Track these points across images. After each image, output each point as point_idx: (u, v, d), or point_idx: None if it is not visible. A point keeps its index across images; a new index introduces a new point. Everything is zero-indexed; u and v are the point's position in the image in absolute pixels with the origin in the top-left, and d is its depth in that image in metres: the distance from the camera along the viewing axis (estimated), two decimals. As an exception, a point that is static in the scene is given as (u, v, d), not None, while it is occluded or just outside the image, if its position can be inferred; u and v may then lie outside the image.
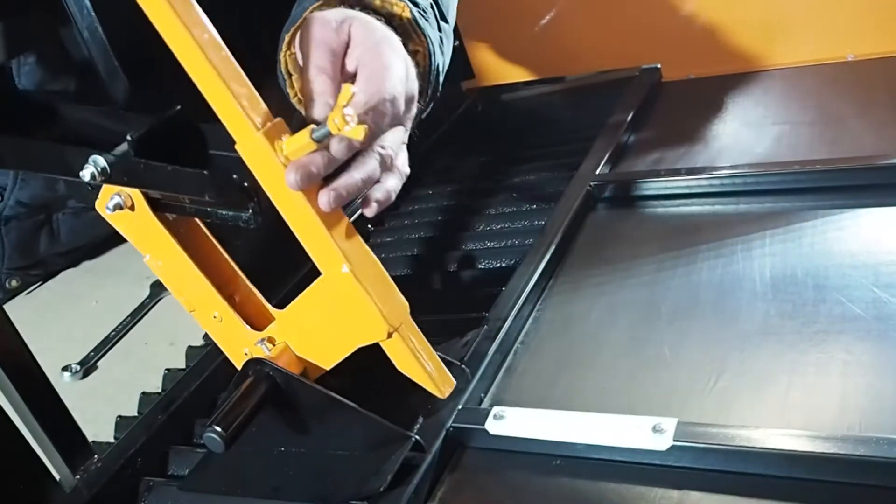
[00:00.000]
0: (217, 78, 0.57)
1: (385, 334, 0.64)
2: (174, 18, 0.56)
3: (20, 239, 1.10)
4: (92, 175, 0.64)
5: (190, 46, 0.56)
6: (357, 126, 0.56)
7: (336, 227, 0.62)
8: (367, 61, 0.64)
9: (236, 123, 0.58)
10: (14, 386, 0.73)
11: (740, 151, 0.98)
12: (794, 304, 0.70)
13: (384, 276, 0.65)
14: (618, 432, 0.60)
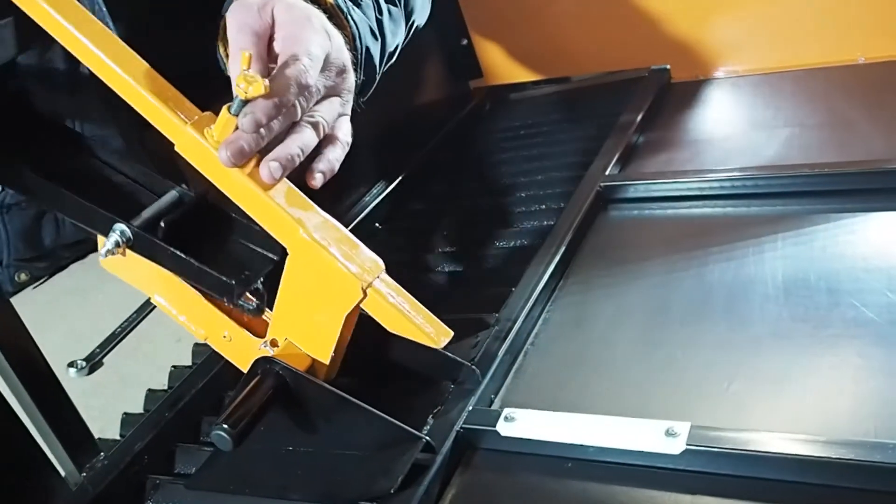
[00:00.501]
0: (140, 91, 0.62)
1: (359, 291, 0.63)
2: (91, 50, 0.62)
3: (24, 228, 1.09)
4: (116, 243, 0.67)
5: (112, 71, 0.62)
6: (257, 83, 0.58)
7: (285, 197, 0.64)
8: (285, 28, 0.66)
9: (168, 127, 0.63)
10: (21, 381, 0.72)
11: (750, 154, 0.97)
12: (806, 307, 0.70)
13: (347, 236, 0.65)
14: (630, 435, 0.60)
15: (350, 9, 0.73)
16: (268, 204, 0.63)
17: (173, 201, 0.71)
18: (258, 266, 0.69)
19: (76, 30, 0.62)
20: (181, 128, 0.62)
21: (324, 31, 0.68)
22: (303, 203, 0.65)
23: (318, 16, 0.69)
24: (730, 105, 1.10)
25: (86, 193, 0.69)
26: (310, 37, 0.65)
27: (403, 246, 1.04)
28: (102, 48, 0.62)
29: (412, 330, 0.66)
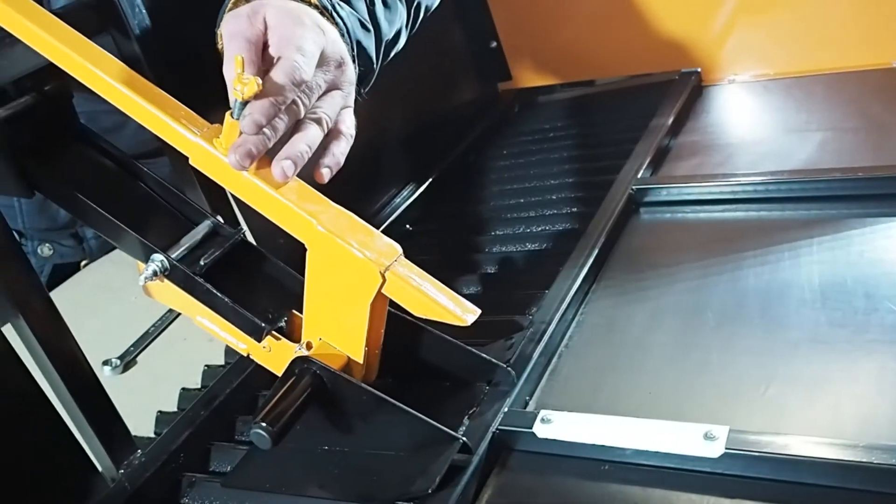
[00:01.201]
0: (150, 109, 0.65)
1: (378, 276, 0.64)
2: (98, 74, 0.65)
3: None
4: (154, 272, 0.70)
5: (121, 94, 0.65)
6: (250, 83, 0.60)
7: (297, 194, 0.65)
8: (277, 31, 0.67)
9: (180, 141, 0.65)
10: (61, 379, 0.73)
11: (783, 157, 0.97)
12: (844, 312, 0.70)
13: (362, 225, 0.66)
14: (668, 438, 0.60)
15: (336, 5, 0.74)
16: (282, 203, 0.65)
17: (207, 232, 0.74)
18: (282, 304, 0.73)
19: (82, 58, 0.65)
20: (192, 140, 0.65)
21: (316, 28, 0.69)
22: (315, 198, 0.66)
23: (309, 14, 0.70)
24: (761, 108, 1.10)
25: (128, 219, 0.72)
26: (302, 34, 0.67)
27: (434, 247, 1.05)
28: (108, 72, 0.65)
29: (438, 310, 0.65)
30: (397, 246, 0.66)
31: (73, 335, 0.75)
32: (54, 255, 1.14)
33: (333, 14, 0.73)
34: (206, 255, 0.72)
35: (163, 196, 0.76)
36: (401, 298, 0.65)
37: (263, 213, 0.66)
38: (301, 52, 0.65)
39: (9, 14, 0.67)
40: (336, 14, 0.74)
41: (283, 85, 0.63)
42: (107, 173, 0.76)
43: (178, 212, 0.76)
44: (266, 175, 0.65)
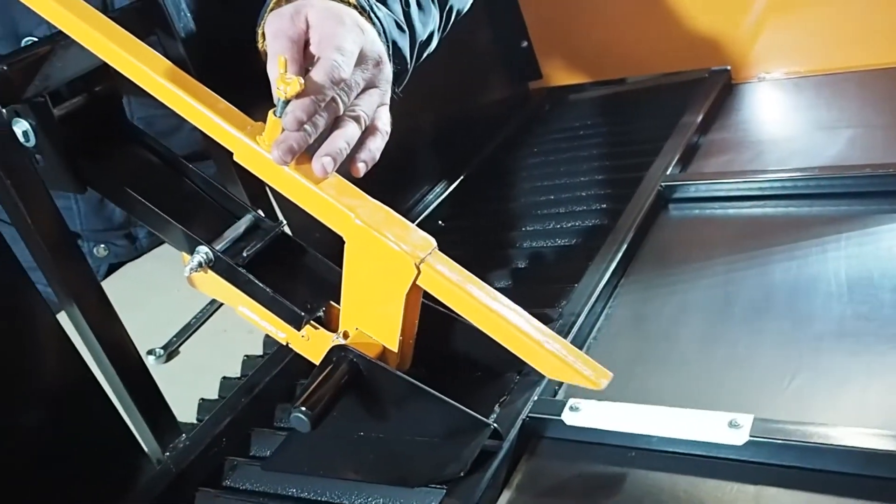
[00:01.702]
0: (198, 108, 0.68)
1: (413, 268, 0.66)
2: (150, 74, 0.68)
3: (93, 200, 1.14)
4: (199, 263, 0.74)
5: (171, 93, 0.68)
6: (293, 82, 0.63)
7: (335, 189, 0.68)
8: (318, 30, 0.69)
9: (225, 137, 0.68)
10: (112, 366, 0.77)
11: (813, 154, 0.98)
12: (871, 306, 0.71)
13: (398, 219, 0.69)
14: (693, 426, 0.62)
15: (374, 6, 0.77)
16: (321, 197, 0.67)
17: (249, 226, 0.77)
18: (320, 295, 0.76)
19: (134, 58, 0.69)
20: (236, 137, 0.68)
21: (356, 27, 0.72)
22: (353, 192, 0.69)
23: (349, 14, 0.72)
24: (791, 106, 1.11)
25: (174, 213, 0.75)
26: (342, 34, 0.69)
27: (466, 243, 1.07)
28: (158, 72, 0.69)
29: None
30: (431, 239, 0.68)
31: (123, 325, 0.79)
32: (109, 255, 1.18)
33: (371, 15, 0.76)
34: (248, 248, 0.75)
35: (207, 191, 0.80)
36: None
37: (303, 206, 0.69)
38: (341, 52, 0.68)
39: (66, 16, 0.70)
40: (374, 14, 0.76)
41: (324, 84, 0.66)
42: (154, 170, 0.79)
43: (222, 206, 0.79)
44: (306, 170, 0.68)
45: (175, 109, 0.69)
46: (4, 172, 0.69)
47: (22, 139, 0.73)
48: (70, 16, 0.70)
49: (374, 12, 0.77)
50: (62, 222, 0.74)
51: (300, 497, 0.73)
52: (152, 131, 0.81)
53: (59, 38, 0.73)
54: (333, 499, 0.71)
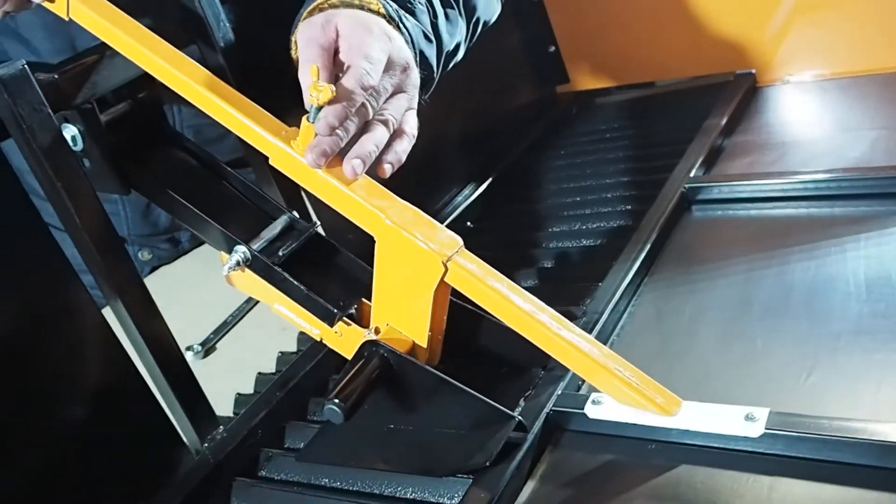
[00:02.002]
0: (237, 115, 0.72)
1: (440, 265, 0.69)
2: (191, 84, 0.72)
3: (139, 206, 1.18)
4: (237, 262, 0.77)
5: (212, 102, 0.72)
6: (325, 90, 0.66)
7: (365, 190, 0.71)
8: (348, 39, 0.73)
9: (262, 143, 0.72)
10: (154, 360, 0.80)
11: (836, 155, 0.99)
12: (887, 304, 0.72)
13: (426, 219, 0.72)
14: (711, 419, 0.64)
15: (402, 17, 0.79)
16: (352, 198, 0.70)
17: (285, 226, 0.81)
18: (353, 293, 0.79)
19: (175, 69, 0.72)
20: (272, 142, 0.71)
21: (384, 36, 0.75)
22: (383, 194, 0.72)
23: (377, 22, 0.76)
24: (815, 108, 1.12)
25: (214, 214, 0.79)
26: (370, 42, 0.72)
27: (494, 243, 1.09)
28: (197, 81, 0.72)
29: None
30: (458, 238, 0.71)
31: (164, 321, 0.83)
32: (153, 259, 1.23)
33: (399, 24, 0.79)
34: (284, 247, 0.79)
35: (244, 194, 0.83)
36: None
37: (336, 207, 0.72)
38: (369, 60, 0.71)
39: (108, 29, 0.74)
40: (402, 24, 0.79)
41: (353, 90, 0.69)
42: (195, 173, 0.83)
43: (258, 208, 0.83)
44: (338, 173, 0.71)
45: (213, 117, 0.73)
46: (55, 175, 0.73)
47: (71, 143, 0.77)
48: (114, 29, 0.74)
49: (403, 22, 0.80)
50: (109, 223, 0.78)
51: (332, 487, 0.76)
52: (200, 139, 0.85)
53: (106, 49, 0.77)
54: (364, 488, 0.74)
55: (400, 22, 0.79)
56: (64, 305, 0.77)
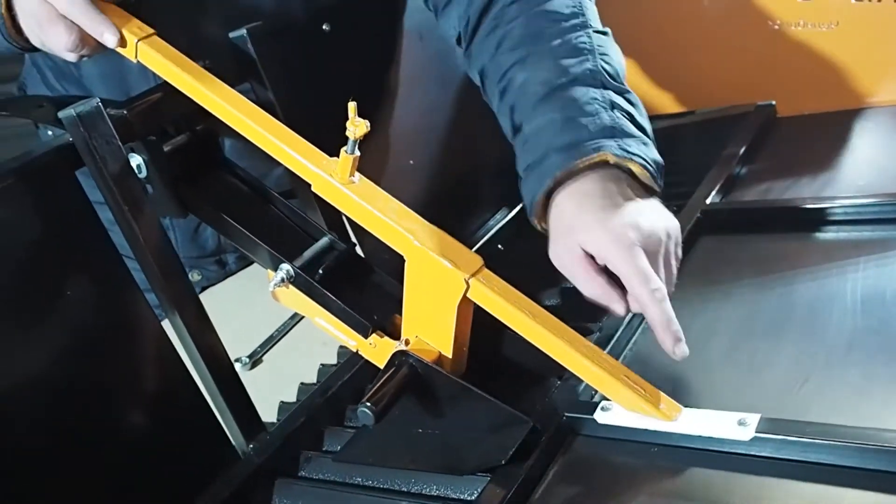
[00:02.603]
0: (284, 148, 0.81)
1: (462, 283, 0.76)
2: (251, 125, 0.81)
3: (189, 230, 1.27)
4: (282, 279, 0.85)
5: (259, 133, 0.81)
6: (360, 125, 0.76)
7: (397, 215, 0.79)
8: (601, 259, 0.80)
9: (306, 172, 0.80)
10: (207, 368, 0.88)
11: (845, 183, 1.04)
12: (880, 320, 0.78)
13: (450, 240, 0.79)
14: (707, 424, 0.69)
15: (630, 155, 0.83)
16: (385, 221, 0.78)
17: (325, 247, 0.88)
18: (386, 308, 0.86)
19: (229, 104, 0.82)
20: (314, 171, 0.79)
21: (626, 237, 0.78)
22: (413, 218, 0.79)
23: (620, 224, 0.78)
24: (833, 139, 1.17)
25: (261, 235, 0.87)
26: (621, 257, 0.77)
27: (521, 264, 1.15)
28: (248, 115, 0.82)
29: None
30: (479, 258, 0.78)
31: (216, 333, 0.91)
32: (202, 280, 1.31)
33: (653, 182, 0.84)
34: (324, 266, 0.86)
35: (289, 217, 0.92)
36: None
37: (371, 230, 0.80)
38: (636, 275, 0.77)
39: (171, 70, 0.83)
40: (631, 156, 0.83)
41: (644, 294, 0.77)
42: (245, 198, 0.92)
43: (302, 230, 0.91)
44: (372, 198, 0.79)
45: (262, 147, 0.82)
46: (122, 199, 0.82)
47: (136, 171, 0.86)
48: (176, 69, 0.83)
49: (631, 154, 0.83)
50: (169, 244, 0.87)
51: (365, 485, 0.82)
52: (254, 171, 0.94)
53: (167, 87, 0.87)
54: (394, 486, 0.80)
55: (630, 156, 0.83)
56: (130, 321, 0.86)
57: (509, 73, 0.93)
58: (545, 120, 0.88)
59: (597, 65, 0.89)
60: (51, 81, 1.16)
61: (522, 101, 0.91)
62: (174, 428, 0.89)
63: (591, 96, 0.87)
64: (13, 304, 0.78)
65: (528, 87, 0.90)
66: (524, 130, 0.91)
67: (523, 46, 0.92)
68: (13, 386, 0.77)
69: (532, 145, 0.89)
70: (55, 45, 0.90)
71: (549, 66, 0.90)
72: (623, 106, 0.87)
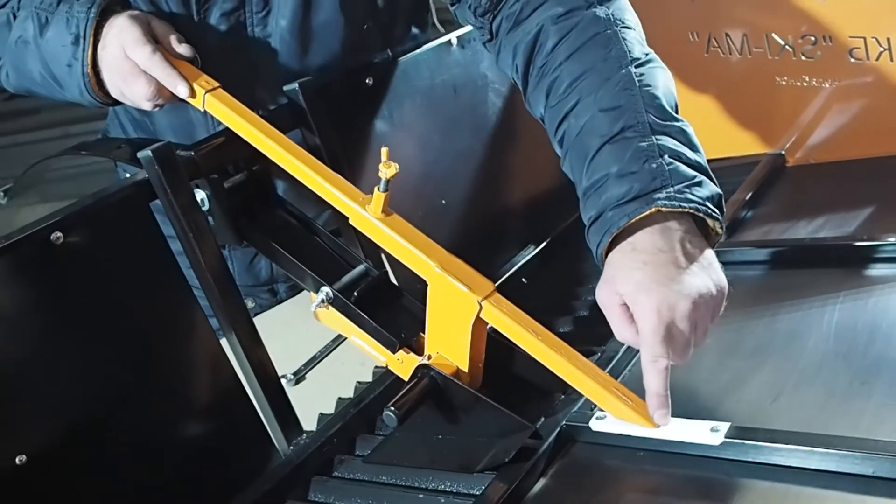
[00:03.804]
0: (327, 186, 0.93)
1: (475, 305, 0.87)
2: (299, 165, 0.95)
3: (245, 261, 1.39)
4: (322, 300, 0.97)
5: (304, 173, 0.94)
6: (392, 167, 0.87)
7: (423, 245, 0.90)
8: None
9: (344, 207, 0.93)
10: (257, 381, 1.01)
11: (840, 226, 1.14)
12: (848, 346, 0.87)
13: (467, 267, 0.89)
14: (685, 431, 0.79)
15: (683, 196, 0.84)
16: (411, 251, 0.90)
17: (361, 273, 1.00)
18: (412, 327, 0.97)
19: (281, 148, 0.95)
20: (351, 206, 0.92)
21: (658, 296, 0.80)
22: (434, 248, 0.91)
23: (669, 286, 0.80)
24: (831, 185, 1.26)
25: (306, 261, 1.00)
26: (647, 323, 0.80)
27: (542, 295, 1.26)
28: (296, 157, 0.95)
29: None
30: (492, 284, 0.90)
31: (267, 351, 1.04)
32: (255, 307, 1.43)
33: (685, 203, 0.83)
34: (359, 289, 0.98)
35: (331, 247, 1.04)
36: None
37: (398, 257, 0.92)
38: (649, 348, 0.81)
39: (232, 118, 0.98)
40: (688, 202, 0.83)
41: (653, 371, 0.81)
42: (293, 230, 1.05)
43: (341, 258, 1.03)
44: (400, 229, 0.91)
45: (308, 185, 0.95)
46: (188, 228, 0.96)
47: (201, 204, 1.00)
48: (236, 117, 0.98)
49: (685, 200, 0.83)
50: (227, 270, 1.00)
51: (390, 483, 0.93)
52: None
53: (228, 133, 1.01)
54: (414, 483, 0.90)
55: (683, 202, 0.83)
56: (193, 338, 0.99)
57: (563, 126, 0.94)
58: (599, 176, 0.88)
59: (641, 109, 0.88)
60: (128, 131, 1.32)
61: (575, 155, 0.92)
62: (227, 431, 1.01)
63: (639, 146, 0.86)
64: (92, 319, 0.91)
65: (582, 140, 0.91)
66: (583, 185, 0.91)
67: (572, 93, 0.92)
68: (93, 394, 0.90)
69: (591, 201, 0.90)
70: (135, 96, 1.05)
71: (597, 118, 0.90)
72: (672, 147, 0.87)
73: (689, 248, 0.83)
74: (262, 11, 1.14)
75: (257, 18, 1.14)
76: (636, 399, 0.84)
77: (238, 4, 1.13)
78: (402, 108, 1.24)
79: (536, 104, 0.99)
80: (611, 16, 0.94)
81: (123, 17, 1.04)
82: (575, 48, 0.93)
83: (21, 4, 1.09)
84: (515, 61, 1.01)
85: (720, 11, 1.42)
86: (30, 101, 4.82)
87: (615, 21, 0.94)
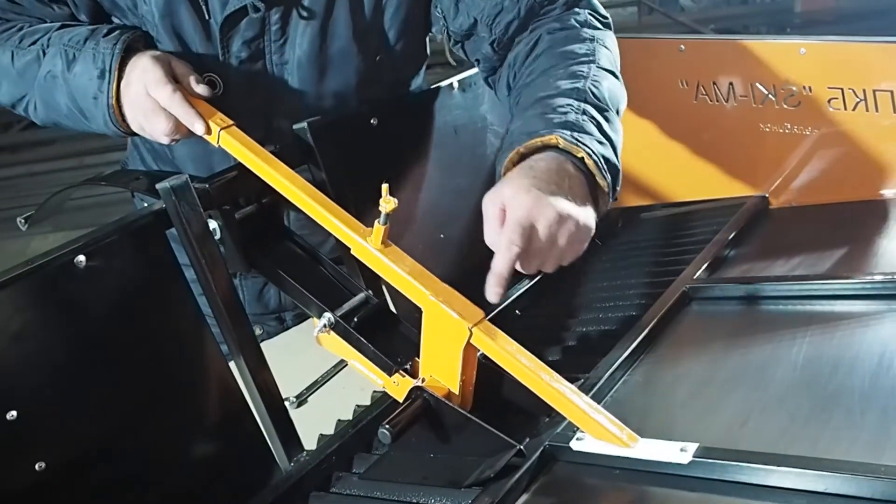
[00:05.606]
0: (330, 218, 1.00)
1: (466, 331, 0.93)
2: (305, 199, 1.02)
3: (255, 291, 1.47)
4: (324, 325, 1.04)
5: (310, 205, 1.02)
6: (391, 202, 0.94)
7: (419, 275, 0.97)
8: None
9: (346, 238, 1.00)
10: (262, 403, 1.08)
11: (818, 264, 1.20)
12: (811, 378, 0.93)
13: (459, 296, 0.96)
14: (656, 451, 0.85)
15: (578, 141, 0.99)
16: (408, 280, 0.97)
17: (361, 301, 1.07)
18: (408, 352, 1.04)
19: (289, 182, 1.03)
20: (353, 237, 0.99)
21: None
22: (429, 277, 0.98)
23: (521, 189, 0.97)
24: (812, 227, 1.33)
25: (310, 289, 1.07)
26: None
27: (534, 327, 1.33)
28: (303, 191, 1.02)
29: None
30: (482, 312, 0.96)
31: (272, 375, 1.10)
32: (263, 334, 1.51)
33: (579, 145, 0.99)
34: (359, 315, 1.05)
35: (334, 276, 1.11)
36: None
37: (396, 286, 0.99)
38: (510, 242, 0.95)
39: (244, 153, 1.06)
40: (581, 145, 0.98)
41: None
42: (299, 259, 1.12)
43: (343, 286, 1.11)
44: (400, 261, 0.98)
45: (313, 217, 1.02)
46: (202, 255, 1.03)
47: (213, 234, 1.07)
48: (248, 153, 1.05)
49: (582, 143, 0.98)
50: (237, 297, 1.08)
51: (384, 498, 0.98)
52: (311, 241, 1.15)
53: (241, 167, 1.09)
54: (406, 498, 0.96)
55: (579, 144, 0.98)
56: (203, 361, 1.07)
57: (518, 97, 1.13)
58: (524, 118, 1.07)
59: (585, 86, 1.08)
60: (147, 161, 1.40)
61: (515, 111, 1.11)
62: (233, 448, 1.08)
63: (567, 103, 1.04)
64: (110, 338, 0.99)
65: (525, 100, 1.10)
66: (511, 127, 1.10)
67: (539, 77, 1.12)
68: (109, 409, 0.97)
69: (509, 137, 1.07)
70: (155, 131, 1.13)
71: (544, 84, 1.10)
72: (595, 116, 1.03)
73: (576, 188, 0.97)
74: (280, 40, 1.22)
75: (275, 46, 1.22)
76: (615, 422, 0.90)
77: (258, 33, 1.21)
78: (404, 147, 1.32)
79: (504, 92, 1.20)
80: (594, 36, 1.16)
81: (147, 57, 1.12)
82: (554, 49, 1.13)
83: (50, 42, 1.18)
84: (510, 82, 1.19)
85: (708, 61, 1.50)
86: (46, 132, 4.96)
87: (597, 39, 1.15)
